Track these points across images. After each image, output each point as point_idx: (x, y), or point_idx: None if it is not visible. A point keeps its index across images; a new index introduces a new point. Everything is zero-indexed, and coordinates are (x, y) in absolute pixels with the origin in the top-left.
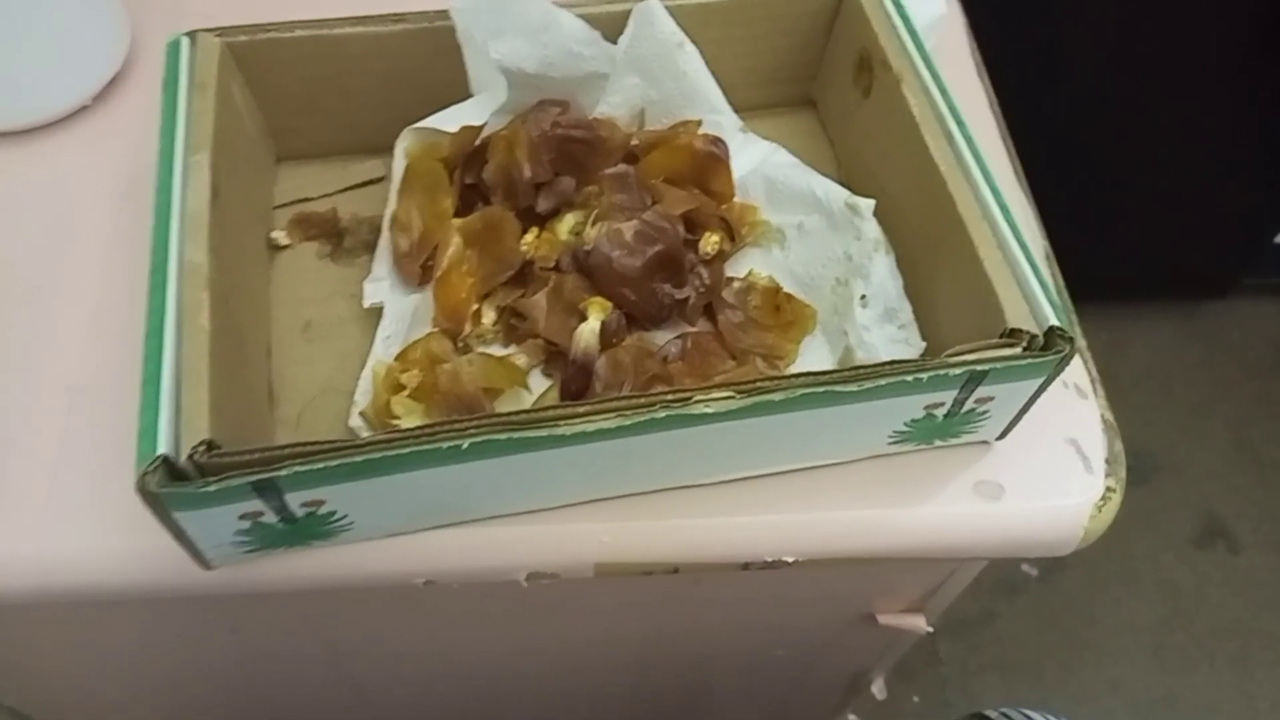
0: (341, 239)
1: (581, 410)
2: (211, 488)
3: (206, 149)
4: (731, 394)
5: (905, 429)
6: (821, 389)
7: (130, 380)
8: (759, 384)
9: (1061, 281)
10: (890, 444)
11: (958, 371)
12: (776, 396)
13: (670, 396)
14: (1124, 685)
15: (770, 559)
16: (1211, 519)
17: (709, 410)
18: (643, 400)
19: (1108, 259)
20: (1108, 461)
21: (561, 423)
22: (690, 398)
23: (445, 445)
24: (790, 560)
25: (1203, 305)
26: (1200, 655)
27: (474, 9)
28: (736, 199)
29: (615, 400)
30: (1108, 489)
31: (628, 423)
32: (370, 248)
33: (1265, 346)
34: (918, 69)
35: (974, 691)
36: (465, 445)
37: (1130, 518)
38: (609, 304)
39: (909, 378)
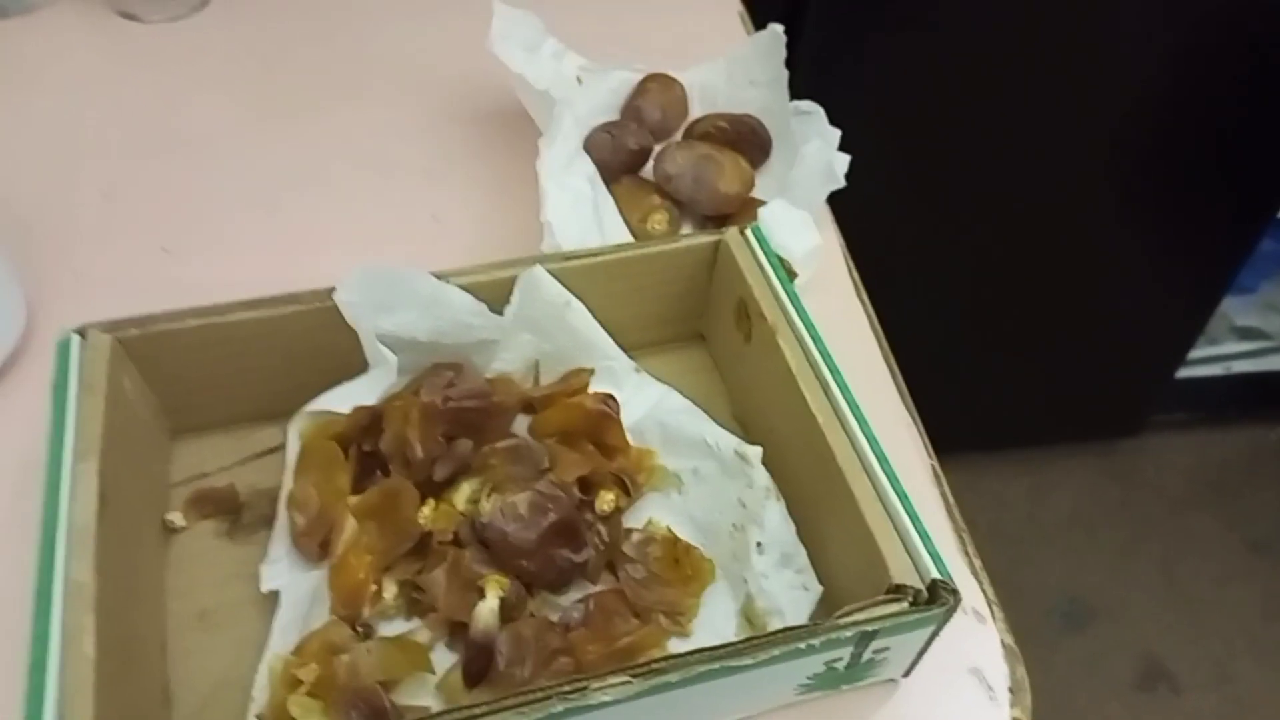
0: (240, 515)
1: (478, 712)
2: None
3: (95, 455)
4: (628, 678)
5: (809, 681)
6: (717, 664)
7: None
8: (655, 665)
9: (951, 501)
10: (798, 694)
11: (849, 633)
12: (673, 677)
13: (567, 687)
14: None
15: None
16: (1151, 661)
17: (606, 699)
18: (539, 694)
19: (1021, 405)
20: (1011, 690)
21: None
22: (586, 686)
23: None
24: None
25: (1117, 445)
26: None
27: (360, 295)
28: (634, 444)
29: (510, 697)
30: (1014, 718)
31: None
32: (270, 521)
33: (1180, 482)
34: (791, 320)
35: None
36: None
37: (1072, 667)
38: (506, 580)
39: (802, 644)
